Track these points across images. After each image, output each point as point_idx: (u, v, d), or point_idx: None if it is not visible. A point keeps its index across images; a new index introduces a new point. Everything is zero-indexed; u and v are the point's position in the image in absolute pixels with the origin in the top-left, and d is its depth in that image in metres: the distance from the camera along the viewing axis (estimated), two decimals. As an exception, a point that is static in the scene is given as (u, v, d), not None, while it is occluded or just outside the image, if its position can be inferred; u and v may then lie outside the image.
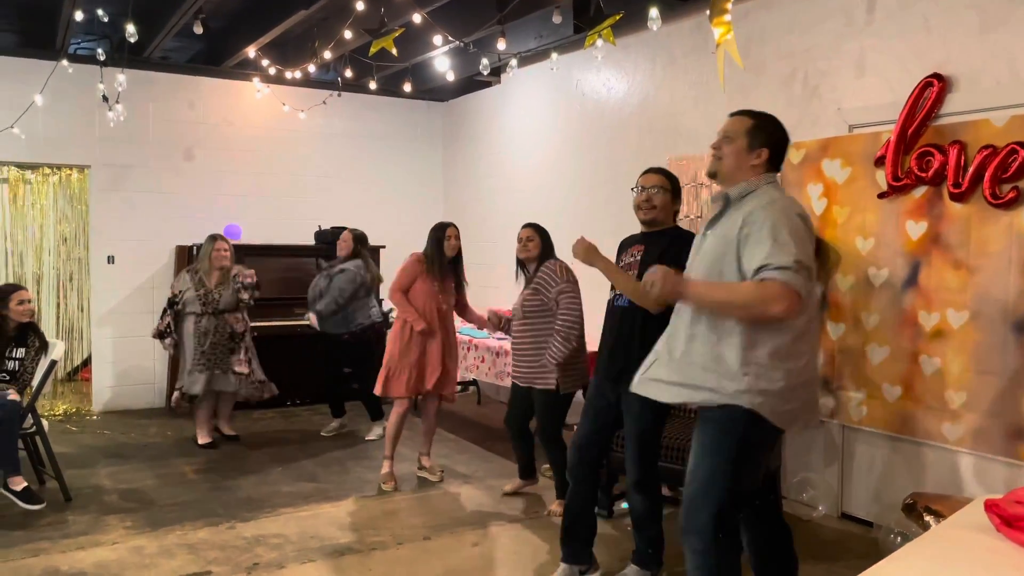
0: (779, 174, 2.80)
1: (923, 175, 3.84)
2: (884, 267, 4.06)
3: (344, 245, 5.99)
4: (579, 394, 4.30)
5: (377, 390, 4.86)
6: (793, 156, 4.46)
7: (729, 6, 2.90)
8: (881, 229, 4.06)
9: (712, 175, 2.80)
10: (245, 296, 5.66)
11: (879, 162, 4.04)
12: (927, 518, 3.57)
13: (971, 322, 3.71)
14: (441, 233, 4.85)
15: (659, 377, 2.72)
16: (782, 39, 4.69)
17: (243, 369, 5.68)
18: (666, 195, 3.40)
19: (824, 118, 4.45)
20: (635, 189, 3.48)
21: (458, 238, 4.90)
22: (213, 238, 5.72)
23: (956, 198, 3.73)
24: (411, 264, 4.84)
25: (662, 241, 3.34)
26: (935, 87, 3.81)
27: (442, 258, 4.82)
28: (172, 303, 5.58)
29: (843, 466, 4.35)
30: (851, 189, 4.20)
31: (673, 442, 3.97)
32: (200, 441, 5.73)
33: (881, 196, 4.05)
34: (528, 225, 4.52)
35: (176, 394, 5.65)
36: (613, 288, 3.47)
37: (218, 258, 5.64)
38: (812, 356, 2.68)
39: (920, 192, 3.89)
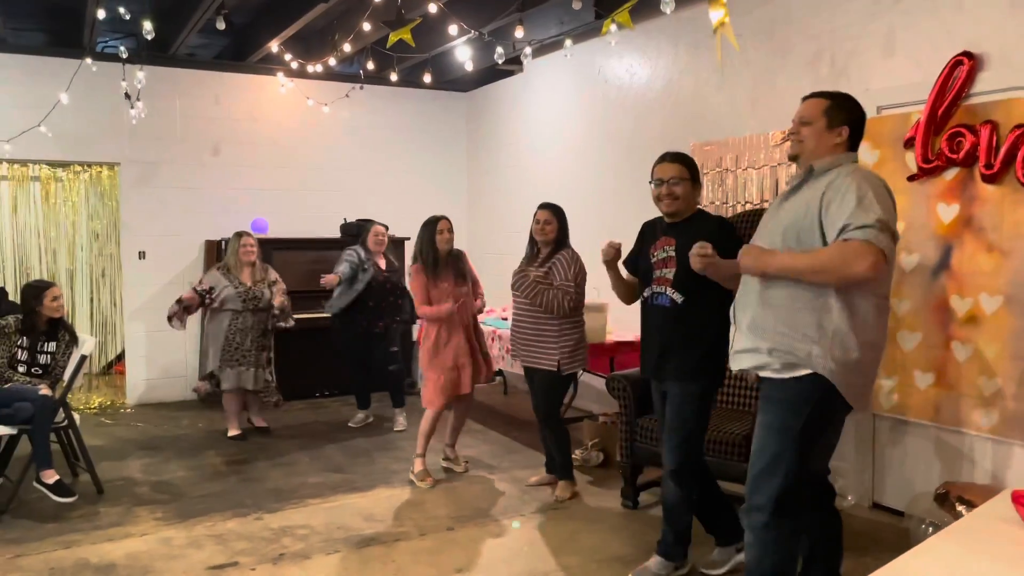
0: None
1: (954, 156, 3.74)
2: (915, 251, 3.96)
3: (384, 240, 6.07)
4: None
5: (425, 402, 4.76)
6: (820, 139, 4.36)
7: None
8: (911, 212, 3.96)
9: (793, 158, 2.75)
10: (276, 312, 5.78)
11: (908, 144, 3.94)
12: (960, 508, 3.49)
13: (1005, 307, 3.61)
14: (432, 229, 4.71)
15: (740, 348, 2.70)
16: (808, 19, 4.59)
17: (270, 367, 5.81)
18: (687, 184, 3.29)
19: (851, 100, 4.34)
20: (653, 182, 3.35)
21: (451, 231, 4.76)
22: (239, 235, 5.78)
23: (988, 179, 3.62)
24: (416, 277, 4.73)
25: (690, 230, 3.22)
26: (965, 65, 3.70)
27: (435, 254, 4.69)
28: (203, 296, 5.61)
29: (874, 455, 4.27)
30: (880, 171, 4.03)
31: (713, 435, 3.88)
32: (230, 433, 5.79)
33: (911, 179, 3.95)
34: (546, 207, 4.46)
35: (204, 384, 5.74)
36: (650, 285, 3.38)
37: (245, 254, 5.71)
38: (885, 333, 2.63)
39: (951, 174, 3.79)
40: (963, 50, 3.72)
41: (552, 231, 4.39)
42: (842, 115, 2.67)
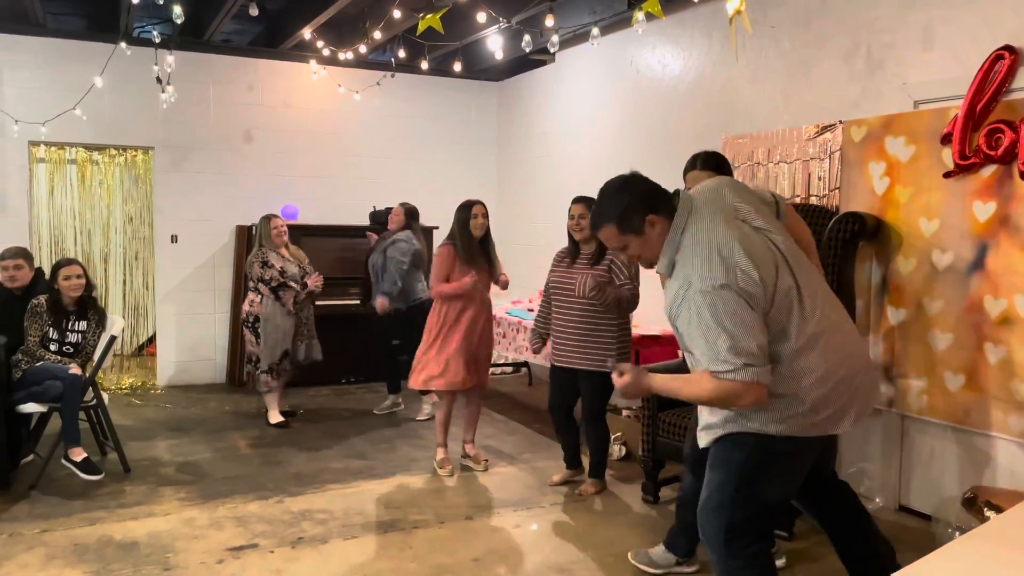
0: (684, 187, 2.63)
1: (992, 153, 3.64)
2: (949, 250, 3.86)
3: (395, 218, 6.06)
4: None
5: (416, 384, 4.73)
6: (855, 133, 4.28)
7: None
8: (946, 210, 3.86)
9: (650, 266, 2.58)
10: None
11: (945, 140, 3.84)
12: (988, 513, 3.41)
13: (1041, 309, 3.51)
14: (467, 213, 4.64)
15: (702, 426, 2.61)
16: (844, 11, 4.49)
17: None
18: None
19: (888, 94, 4.25)
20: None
21: (486, 216, 4.68)
22: (268, 218, 5.80)
23: (1027, 177, 3.52)
24: (445, 255, 4.65)
25: None
26: (1006, 60, 3.59)
27: (470, 239, 4.63)
28: (282, 279, 5.61)
29: (902, 457, 4.19)
30: (915, 168, 4.00)
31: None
32: (273, 420, 5.77)
33: (947, 175, 3.85)
34: (580, 200, 4.31)
35: (268, 376, 5.65)
36: None
37: (278, 235, 5.76)
38: (840, 353, 2.44)
39: (989, 171, 3.68)
40: (1004, 44, 3.62)
41: (587, 227, 4.23)
42: (635, 215, 2.45)
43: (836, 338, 2.46)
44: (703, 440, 2.60)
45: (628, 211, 2.46)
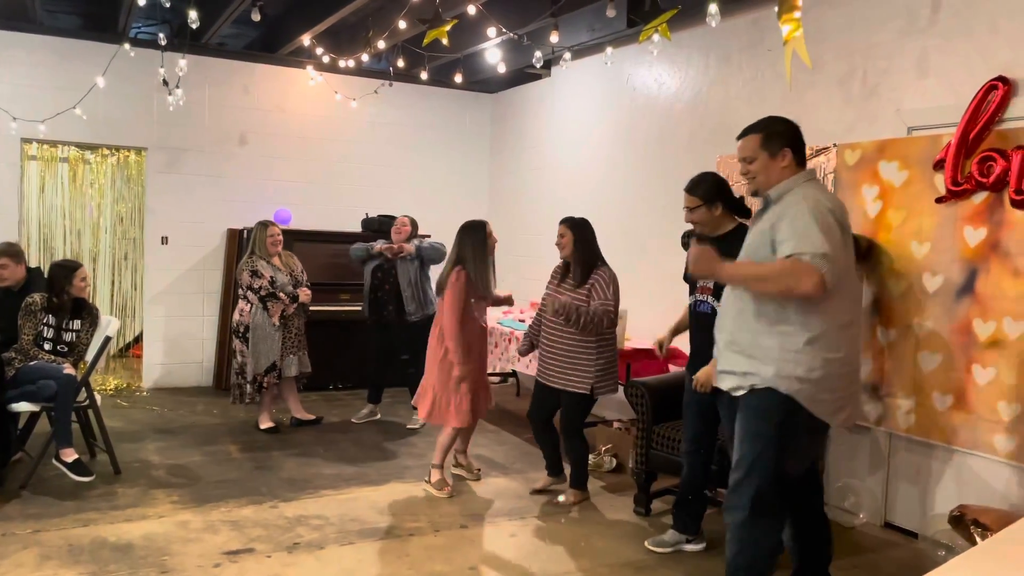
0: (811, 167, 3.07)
1: (984, 180, 3.74)
2: (939, 273, 3.96)
3: (404, 229, 6.04)
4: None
5: (430, 417, 4.59)
6: (848, 157, 4.38)
7: (799, 2, 2.91)
8: (938, 234, 3.97)
9: (754, 194, 2.98)
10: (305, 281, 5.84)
11: (938, 166, 3.94)
12: (974, 531, 3.50)
13: (1029, 333, 3.61)
14: (482, 233, 4.44)
15: (721, 368, 2.94)
16: (841, 37, 4.60)
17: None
18: (701, 210, 3.62)
19: (882, 119, 4.36)
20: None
21: (494, 234, 4.62)
22: (264, 224, 5.77)
23: (1018, 205, 3.62)
24: (459, 283, 4.36)
25: (724, 244, 3.29)
26: (1000, 90, 3.70)
27: (488, 265, 4.45)
28: (271, 290, 5.55)
29: (888, 474, 4.27)
30: (908, 192, 4.10)
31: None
32: (263, 426, 5.74)
33: (939, 200, 3.95)
34: (563, 221, 4.45)
35: (251, 388, 5.56)
36: (694, 293, 3.72)
37: (273, 243, 5.69)
38: (853, 351, 2.82)
39: (980, 198, 3.79)
40: (998, 75, 3.73)
41: (567, 243, 4.36)
42: (779, 141, 2.90)
43: (856, 340, 2.84)
44: (723, 383, 2.92)
45: (776, 133, 2.90)
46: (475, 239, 4.46)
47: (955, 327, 3.89)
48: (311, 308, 5.95)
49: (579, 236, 4.35)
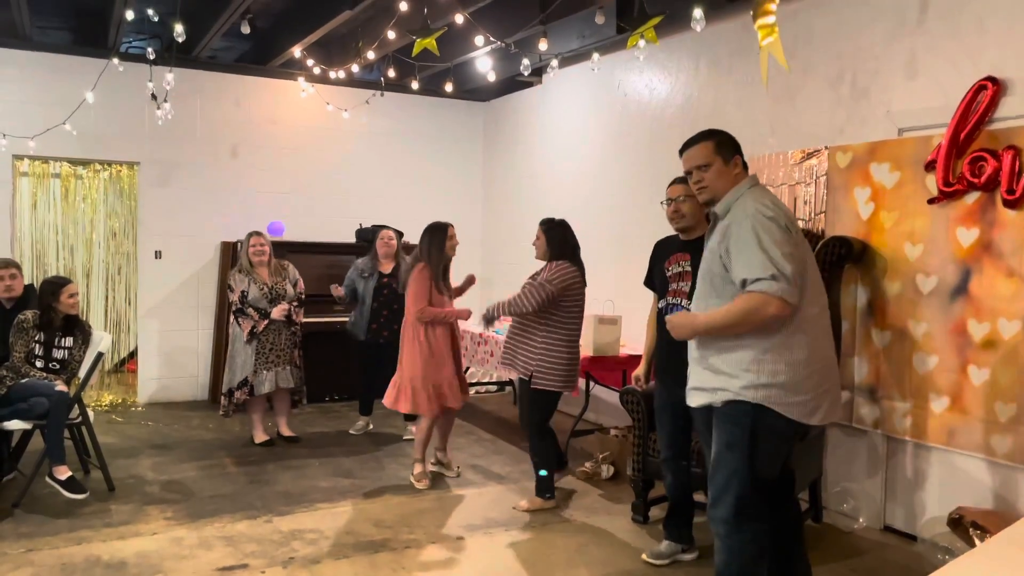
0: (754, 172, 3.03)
1: (975, 180, 3.73)
2: (933, 274, 3.95)
3: (393, 244, 6.01)
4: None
5: (400, 407, 4.80)
6: (840, 159, 4.38)
7: (772, 7, 2.89)
8: (931, 235, 3.96)
9: (708, 203, 2.97)
10: (292, 295, 5.71)
11: (929, 167, 3.94)
12: (973, 533, 3.48)
13: (1023, 332, 3.59)
14: (443, 235, 4.79)
15: (692, 385, 2.97)
16: (830, 39, 4.60)
17: (299, 363, 5.73)
18: (692, 201, 3.51)
19: (872, 120, 4.35)
20: (663, 203, 3.70)
21: (455, 237, 4.88)
22: (250, 235, 5.71)
23: (1010, 204, 3.62)
24: (423, 277, 4.73)
25: (704, 246, 3.31)
26: (989, 90, 3.69)
27: (445, 260, 4.81)
28: (242, 302, 5.48)
29: (886, 477, 4.25)
30: (900, 194, 4.09)
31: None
32: (257, 440, 5.69)
33: (931, 201, 3.94)
34: (540, 223, 4.55)
35: (224, 400, 5.52)
36: (665, 297, 3.68)
37: (255, 253, 5.58)
38: (818, 348, 2.80)
39: (972, 198, 3.78)
40: (987, 75, 3.72)
41: (541, 246, 4.48)
42: (729, 147, 2.94)
43: (822, 337, 2.85)
44: (693, 400, 2.95)
45: (728, 141, 2.96)
46: (436, 239, 4.79)
47: (950, 328, 3.88)
48: (304, 320, 5.90)
49: (551, 237, 4.47)
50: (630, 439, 4.57)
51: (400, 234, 6.18)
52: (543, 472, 4.49)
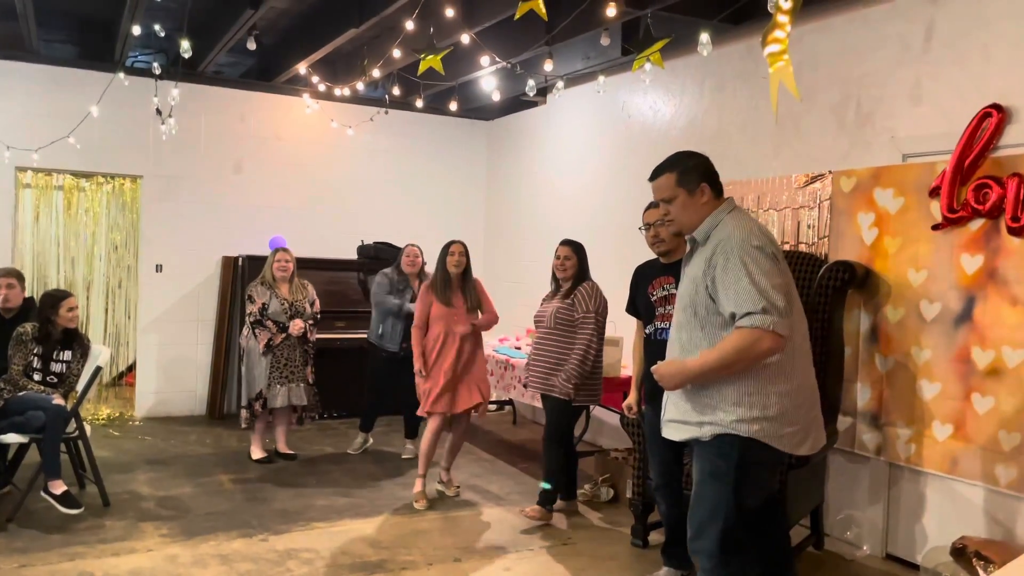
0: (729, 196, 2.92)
1: (980, 207, 3.73)
2: (936, 301, 3.93)
3: (419, 262, 6.01)
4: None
5: (420, 410, 4.92)
6: (844, 184, 4.37)
7: (780, 35, 2.85)
8: (934, 262, 3.94)
9: (678, 234, 2.93)
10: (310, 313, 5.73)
11: (934, 193, 3.93)
12: (976, 564, 3.44)
13: (1028, 361, 3.57)
14: (444, 251, 4.92)
15: (670, 418, 2.87)
16: (835, 65, 4.61)
17: (312, 380, 5.72)
18: (671, 224, 3.47)
19: (877, 146, 4.35)
20: (642, 228, 3.68)
21: (463, 254, 4.91)
22: (276, 250, 5.72)
23: (1015, 232, 3.61)
24: (423, 294, 4.93)
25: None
26: (994, 118, 3.69)
27: (445, 275, 4.87)
28: (262, 314, 5.49)
29: (889, 505, 4.21)
30: (904, 220, 4.09)
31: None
32: (254, 456, 5.67)
33: (935, 228, 3.93)
34: (566, 243, 4.66)
35: (246, 412, 5.53)
36: (653, 322, 3.67)
37: (279, 268, 5.61)
38: (804, 376, 2.76)
39: (976, 225, 3.77)
40: (992, 102, 3.72)
41: (571, 267, 4.58)
42: (695, 176, 2.80)
43: (807, 364, 2.78)
44: (673, 434, 2.82)
45: (690, 169, 2.81)
46: (440, 256, 4.94)
47: (954, 355, 3.85)
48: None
49: (581, 259, 4.63)
50: (630, 461, 4.53)
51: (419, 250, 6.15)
52: (546, 485, 4.57)
